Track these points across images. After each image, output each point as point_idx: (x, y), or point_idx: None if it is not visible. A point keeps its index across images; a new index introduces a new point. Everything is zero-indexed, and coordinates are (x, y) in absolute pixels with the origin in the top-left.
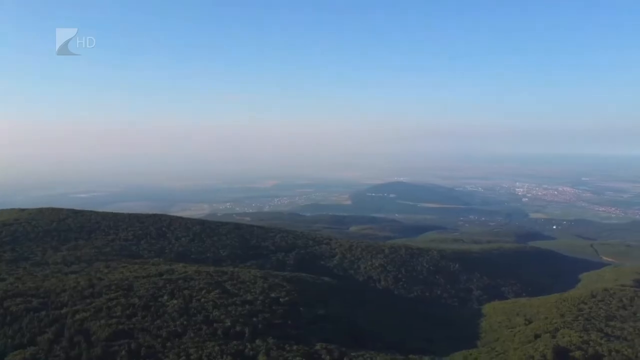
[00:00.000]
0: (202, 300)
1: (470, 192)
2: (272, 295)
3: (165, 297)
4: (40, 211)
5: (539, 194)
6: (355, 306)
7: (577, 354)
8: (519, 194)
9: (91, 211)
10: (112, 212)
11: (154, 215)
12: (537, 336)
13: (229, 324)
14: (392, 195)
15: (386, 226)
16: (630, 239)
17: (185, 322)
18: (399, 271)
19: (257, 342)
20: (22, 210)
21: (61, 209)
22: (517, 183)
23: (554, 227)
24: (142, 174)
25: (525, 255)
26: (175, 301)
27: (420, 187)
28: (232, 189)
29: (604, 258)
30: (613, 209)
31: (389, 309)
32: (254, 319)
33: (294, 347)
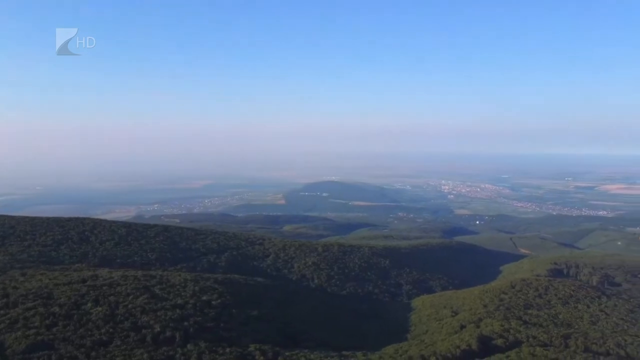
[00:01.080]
0: (130, 306)
1: (399, 190)
2: (204, 298)
3: (89, 305)
4: None
5: (463, 191)
6: (289, 305)
7: (499, 341)
8: (445, 191)
9: (4, 215)
10: (28, 217)
11: (76, 219)
12: (462, 327)
13: (159, 329)
14: (325, 194)
15: (319, 225)
16: (545, 232)
17: (111, 330)
18: (331, 269)
19: (189, 346)
20: None
21: None
22: (443, 181)
23: (477, 222)
24: (63, 176)
25: (451, 250)
26: (100, 308)
27: (351, 186)
28: (161, 189)
29: (522, 250)
30: (529, 204)
31: (323, 307)
32: (185, 323)
33: (227, 350)
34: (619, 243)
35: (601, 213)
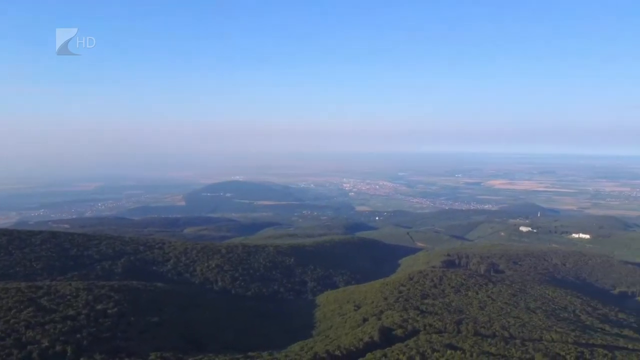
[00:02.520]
0: (12, 321)
1: (303, 189)
2: (98, 307)
3: None
4: None
5: (363, 188)
6: (192, 310)
7: (399, 331)
8: (346, 189)
9: None
10: None
11: None
12: (365, 320)
13: (47, 344)
14: (228, 195)
15: (223, 226)
16: (438, 226)
17: None
18: (236, 270)
19: None
20: None
21: None
22: (345, 179)
23: (377, 218)
24: None
25: (353, 246)
26: None
27: (256, 185)
28: (47, 193)
29: (418, 243)
30: (424, 199)
31: (227, 309)
32: (78, 336)
33: None
34: (503, 234)
35: (487, 207)
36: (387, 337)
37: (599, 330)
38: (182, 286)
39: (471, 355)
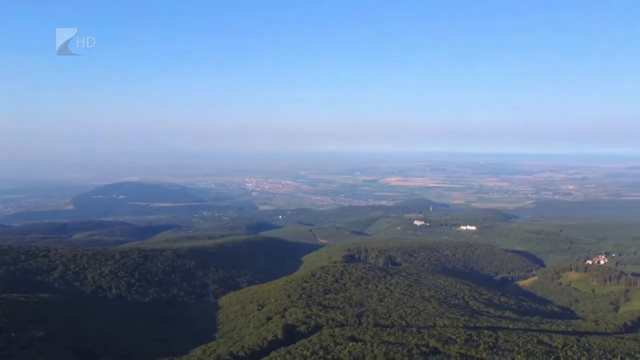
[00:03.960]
0: None
1: (203, 189)
2: None
3: None
4: None
5: (266, 187)
6: (83, 320)
7: (303, 328)
8: (249, 188)
9: None
10: None
11: None
12: (269, 318)
13: None
14: (121, 197)
15: (116, 230)
16: (339, 222)
17: None
18: (132, 276)
19: None
20: None
21: None
22: (247, 178)
23: (280, 216)
24: None
25: (256, 245)
26: None
27: (152, 186)
28: None
29: (320, 240)
30: (325, 197)
31: (123, 317)
32: None
33: None
34: (399, 228)
35: (384, 203)
36: (291, 334)
37: (484, 313)
38: (71, 296)
39: (371, 346)
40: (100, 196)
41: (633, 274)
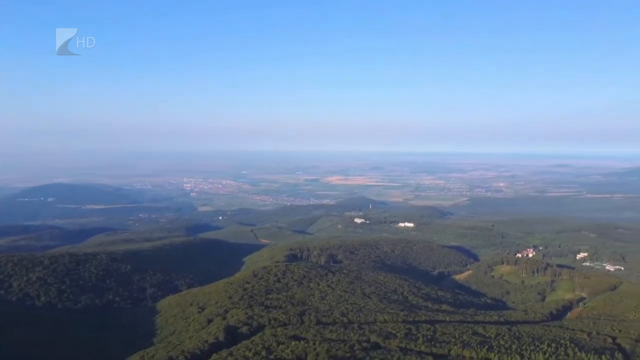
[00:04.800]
0: None
1: (139, 190)
2: None
3: None
4: None
5: (206, 188)
6: (8, 331)
7: (244, 329)
8: (187, 188)
9: None
10: None
11: None
12: (210, 321)
13: None
14: (50, 199)
15: (45, 234)
16: (281, 222)
17: None
18: (62, 282)
19: None
20: None
21: None
22: (185, 179)
23: (220, 217)
24: None
25: (195, 247)
26: None
27: (84, 187)
28: None
29: (262, 240)
30: (267, 197)
31: (54, 326)
32: None
33: None
34: (340, 226)
35: (326, 201)
36: (233, 336)
37: (423, 307)
38: None
39: (314, 344)
40: (26, 199)
41: (558, 266)
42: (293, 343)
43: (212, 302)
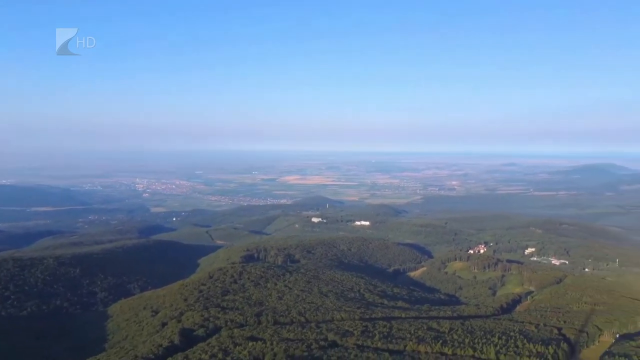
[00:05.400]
0: None
1: (89, 192)
2: None
3: None
4: None
5: (159, 188)
6: None
7: (200, 331)
8: (140, 189)
9: None
10: None
11: None
12: (164, 324)
13: None
14: None
15: None
16: (237, 222)
17: None
18: (6, 288)
19: None
20: None
21: None
22: (137, 179)
23: (174, 218)
24: None
25: (149, 249)
26: None
27: (29, 189)
28: None
29: (218, 242)
30: (223, 197)
31: None
32: None
33: None
34: (297, 226)
35: (283, 201)
36: (189, 339)
37: (379, 305)
38: None
39: (271, 344)
40: None
41: (507, 261)
42: (250, 344)
43: (167, 305)
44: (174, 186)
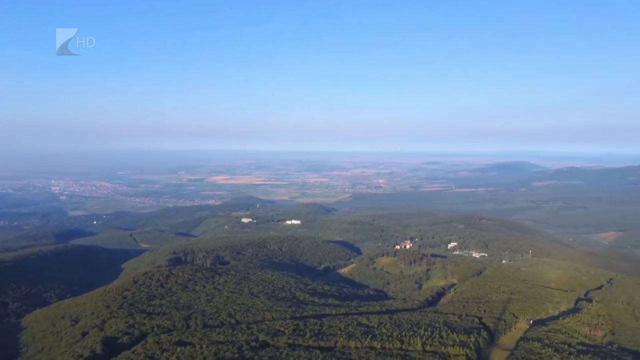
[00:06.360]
0: None
1: None
2: None
3: None
4: None
5: (77, 190)
6: None
7: (125, 338)
8: (56, 192)
9: None
10: None
11: None
12: (85, 333)
13: None
14: None
15: None
16: (163, 224)
17: None
18: None
19: None
20: None
21: None
22: (53, 181)
23: (95, 222)
24: None
25: (67, 255)
26: None
27: None
28: None
29: (143, 245)
30: (147, 199)
31: None
32: None
33: None
34: (226, 227)
35: (211, 202)
36: (112, 347)
37: (310, 303)
38: None
39: (200, 348)
40: None
41: (432, 255)
42: (179, 349)
43: (88, 313)
44: (94, 188)
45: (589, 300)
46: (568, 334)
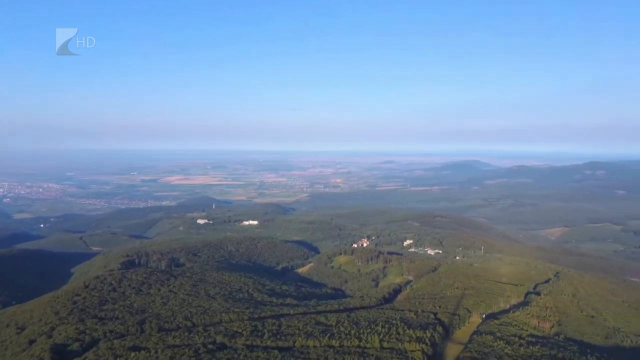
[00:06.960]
0: None
1: None
2: None
3: None
4: None
5: (23, 192)
6: None
7: (75, 345)
8: None
9: None
10: None
11: None
12: (32, 342)
13: None
14: None
15: None
16: (115, 227)
17: None
18: None
19: None
20: None
21: None
22: None
23: (42, 225)
24: None
25: (11, 260)
26: None
27: None
28: None
29: (94, 248)
30: (98, 200)
31: None
32: None
33: None
34: (181, 228)
35: (165, 203)
36: (62, 355)
37: (268, 303)
38: None
39: (156, 352)
40: None
41: (388, 253)
42: (132, 354)
43: (35, 320)
44: (41, 189)
45: (538, 294)
46: (518, 327)
